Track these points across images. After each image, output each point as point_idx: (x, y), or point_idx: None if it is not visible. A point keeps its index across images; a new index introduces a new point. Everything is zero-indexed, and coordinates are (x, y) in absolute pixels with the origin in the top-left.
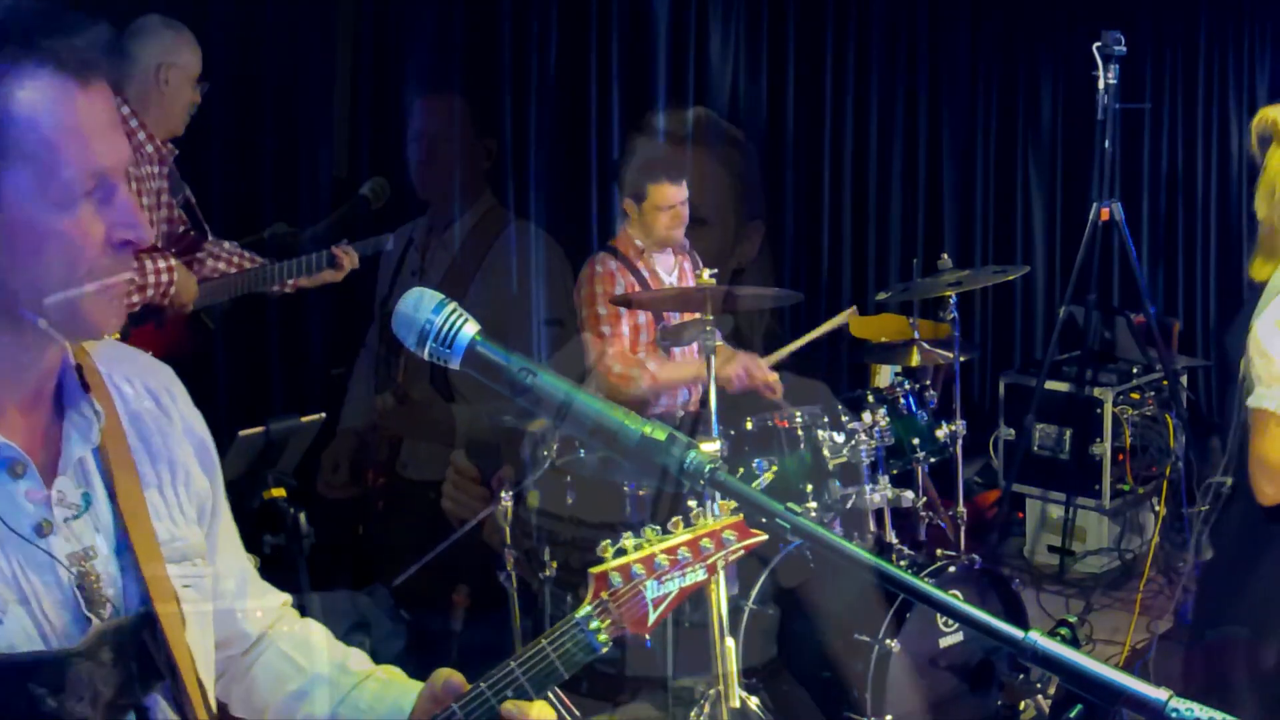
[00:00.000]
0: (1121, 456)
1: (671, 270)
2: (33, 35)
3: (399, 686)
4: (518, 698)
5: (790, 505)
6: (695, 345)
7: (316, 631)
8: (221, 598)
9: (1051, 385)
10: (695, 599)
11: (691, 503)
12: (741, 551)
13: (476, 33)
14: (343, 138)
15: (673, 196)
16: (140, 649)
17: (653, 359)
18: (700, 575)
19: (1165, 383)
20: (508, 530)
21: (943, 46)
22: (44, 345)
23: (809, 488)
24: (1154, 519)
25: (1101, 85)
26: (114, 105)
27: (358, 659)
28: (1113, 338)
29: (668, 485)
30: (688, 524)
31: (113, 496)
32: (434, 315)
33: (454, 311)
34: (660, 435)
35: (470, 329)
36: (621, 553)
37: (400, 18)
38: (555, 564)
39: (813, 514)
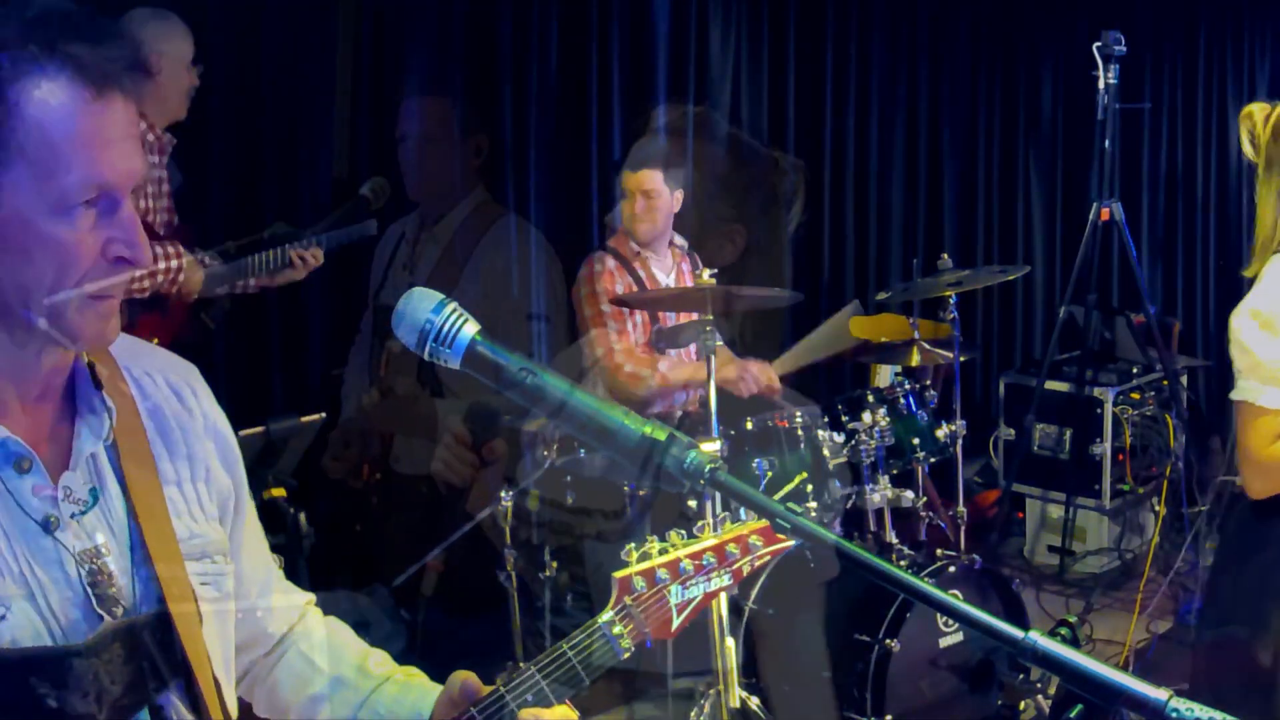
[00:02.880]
0: (1121, 456)
1: (669, 271)
2: (56, 40)
3: (418, 689)
4: (537, 703)
5: (790, 505)
6: (694, 347)
7: (338, 631)
8: (244, 597)
9: (1051, 385)
10: None
11: (691, 502)
12: (768, 557)
13: (476, 33)
14: (343, 138)
15: (633, 183)
16: (153, 647)
17: (664, 360)
18: (725, 581)
19: (1165, 383)
20: (508, 530)
21: (943, 46)
22: (45, 345)
23: (809, 488)
24: (1154, 519)
25: (1101, 85)
26: (132, 120)
27: (378, 660)
28: (1113, 338)
29: (665, 484)
30: (714, 529)
31: (126, 493)
32: (434, 315)
33: (454, 311)
34: (660, 435)
35: (470, 329)
36: (646, 557)
37: (400, 18)
38: (555, 564)
39: (813, 514)
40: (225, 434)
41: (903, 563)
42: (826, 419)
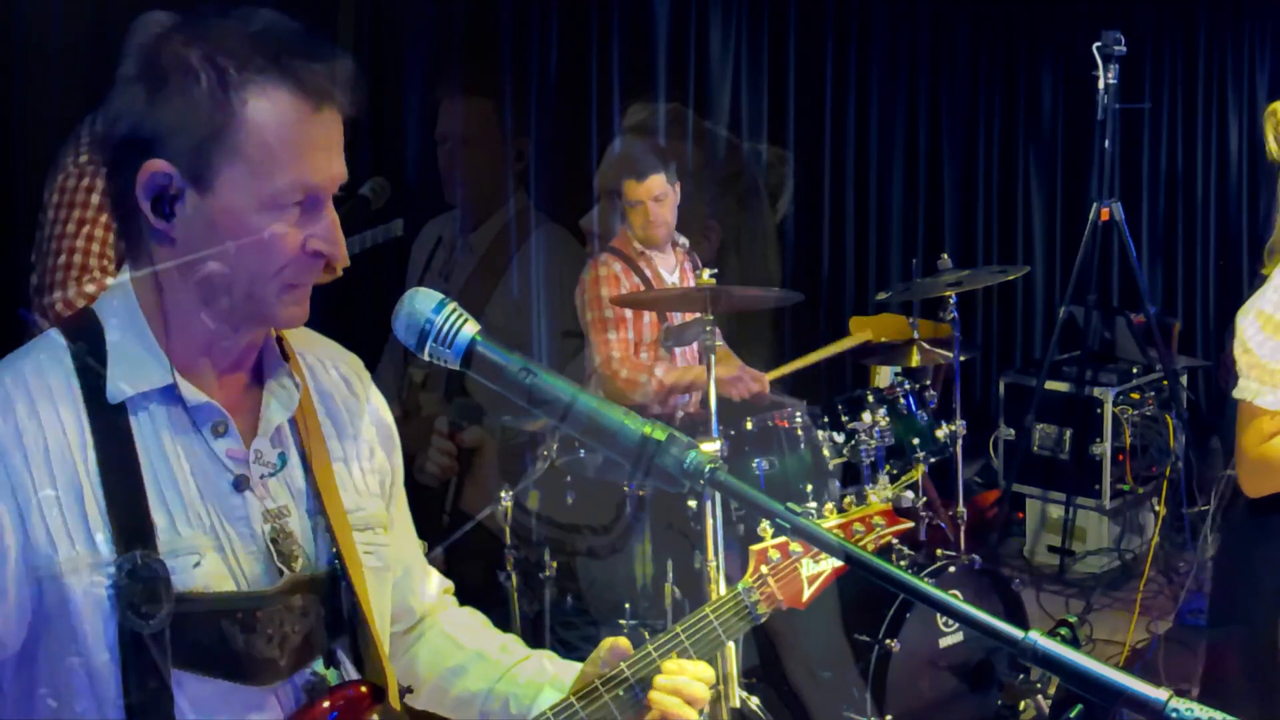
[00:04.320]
0: (1121, 456)
1: (673, 270)
2: (280, 54)
3: (558, 664)
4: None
5: (790, 505)
6: (696, 345)
7: (477, 616)
8: (394, 572)
9: (1051, 385)
10: (695, 599)
11: (691, 503)
12: (890, 537)
13: (476, 33)
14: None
15: (640, 192)
16: (329, 601)
17: (658, 362)
18: None
19: (1165, 383)
20: (508, 530)
21: (943, 46)
22: (243, 323)
23: (809, 488)
24: (1154, 519)
25: (1101, 85)
26: (340, 131)
27: (515, 643)
28: (1113, 338)
29: (665, 484)
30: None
31: (306, 463)
32: (434, 315)
33: (454, 311)
34: (660, 435)
35: (470, 329)
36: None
37: (400, 18)
38: (555, 564)
39: (813, 514)
40: (387, 422)
41: (903, 563)
42: (826, 419)
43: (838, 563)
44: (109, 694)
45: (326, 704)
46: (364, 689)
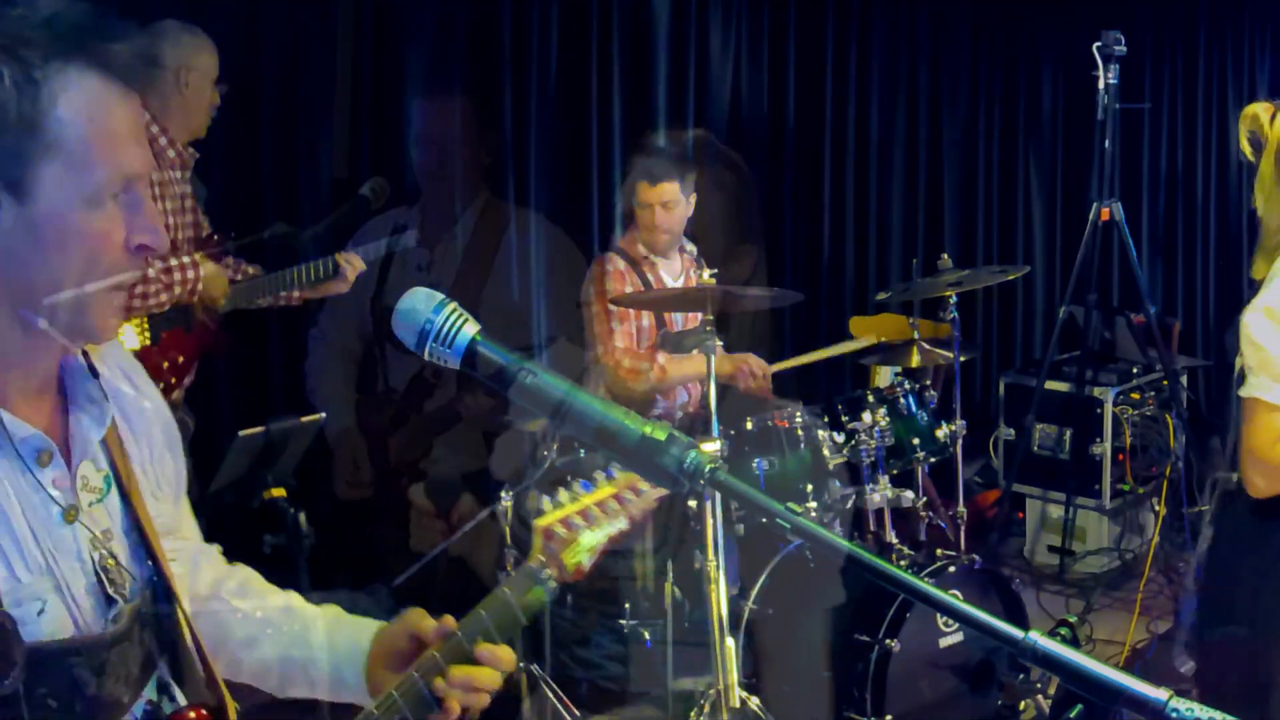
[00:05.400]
0: (1121, 456)
1: (678, 276)
2: (84, 40)
3: (352, 622)
4: (487, 641)
5: (790, 505)
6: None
7: (253, 577)
8: (190, 570)
9: (1051, 385)
10: (695, 599)
11: (691, 503)
12: (654, 501)
13: (476, 33)
14: (343, 138)
15: (651, 196)
16: (155, 622)
17: (660, 352)
18: (623, 523)
19: (1165, 383)
20: (508, 530)
21: (943, 46)
22: (50, 342)
23: (809, 488)
24: (1154, 519)
25: (1101, 85)
26: (142, 115)
27: (299, 600)
28: (1113, 338)
29: (665, 485)
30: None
31: (119, 479)
32: (434, 315)
33: (454, 311)
34: (660, 435)
35: (470, 329)
36: (558, 506)
37: (400, 18)
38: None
39: (813, 514)
40: (169, 418)
41: (903, 563)
42: (826, 419)
43: (614, 529)
44: None
45: None
46: (204, 712)
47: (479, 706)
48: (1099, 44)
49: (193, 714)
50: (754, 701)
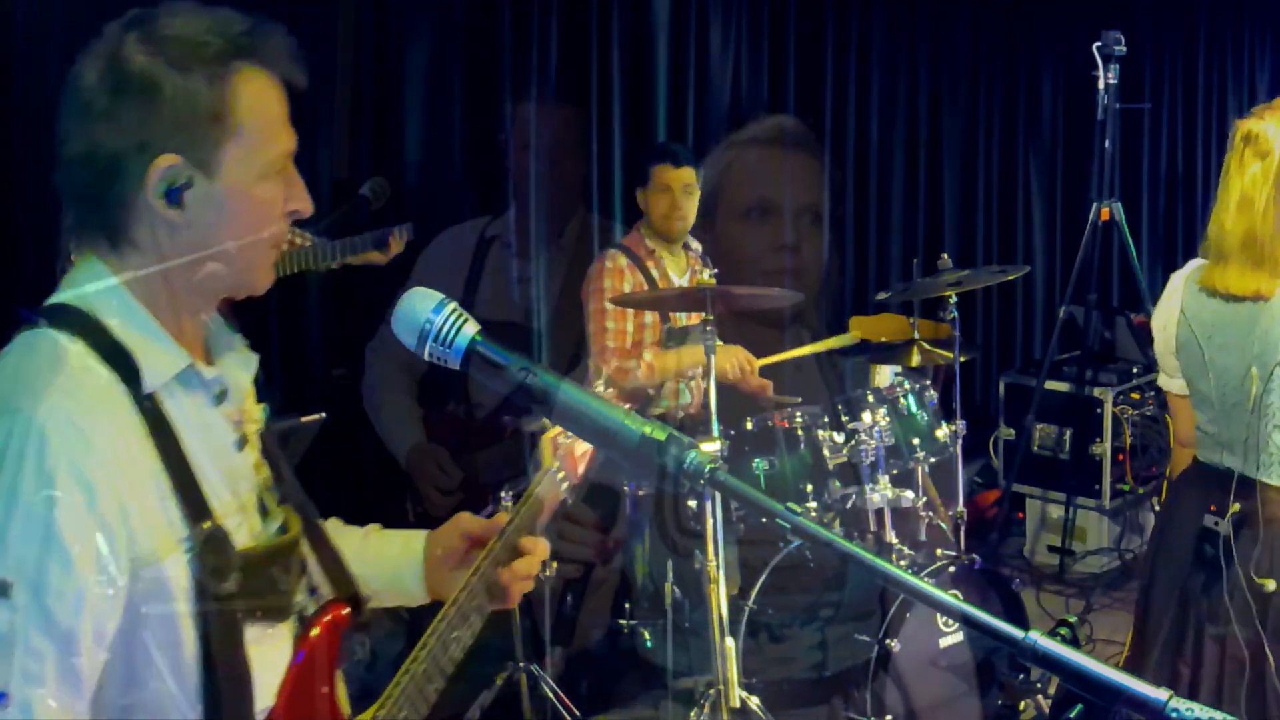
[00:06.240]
0: (1121, 456)
1: (683, 274)
2: (253, 42)
3: (401, 533)
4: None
5: (790, 505)
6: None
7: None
8: None
9: (1051, 385)
10: (695, 599)
11: (691, 503)
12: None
13: (476, 33)
14: (343, 138)
15: (673, 179)
16: (304, 532)
17: (647, 348)
18: None
19: None
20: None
21: (943, 46)
22: (219, 296)
23: (809, 488)
24: (1154, 519)
25: (1101, 85)
26: (288, 102)
27: (340, 523)
28: (1113, 338)
29: (666, 485)
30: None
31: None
32: (434, 315)
33: (454, 311)
34: (660, 435)
35: (470, 329)
36: (544, 430)
37: (400, 18)
38: (555, 564)
39: (813, 514)
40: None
41: (903, 563)
42: (826, 419)
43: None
44: (187, 659)
45: (318, 628)
46: (343, 606)
47: (525, 591)
48: (1099, 44)
49: (332, 608)
50: (754, 701)
